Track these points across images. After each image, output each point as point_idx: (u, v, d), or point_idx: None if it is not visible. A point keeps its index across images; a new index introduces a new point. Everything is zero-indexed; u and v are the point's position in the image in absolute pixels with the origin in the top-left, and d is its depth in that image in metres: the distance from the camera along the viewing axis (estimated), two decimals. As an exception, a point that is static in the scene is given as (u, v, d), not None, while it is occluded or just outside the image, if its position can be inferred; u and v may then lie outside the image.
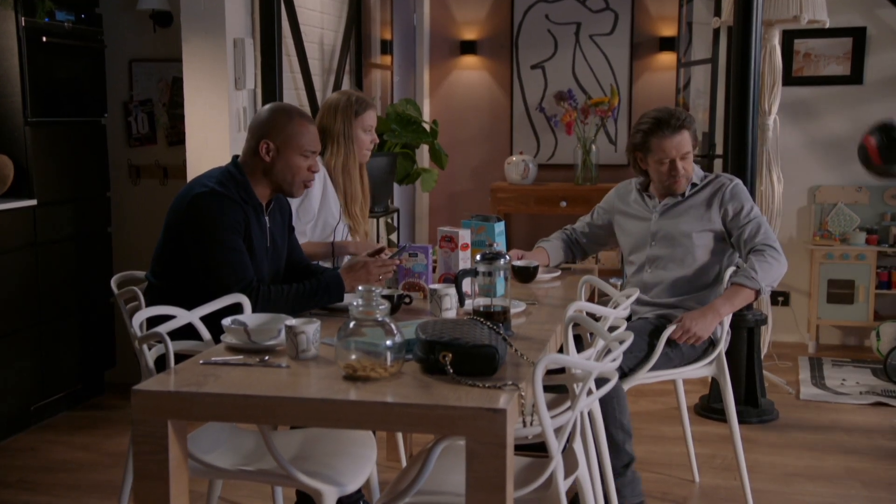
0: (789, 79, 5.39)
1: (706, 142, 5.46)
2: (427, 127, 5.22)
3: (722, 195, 3.21)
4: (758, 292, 3.05)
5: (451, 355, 1.98)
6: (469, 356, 1.98)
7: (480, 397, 1.85)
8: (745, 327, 4.26)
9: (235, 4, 4.13)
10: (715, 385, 4.32)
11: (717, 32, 5.39)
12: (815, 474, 3.59)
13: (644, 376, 3.04)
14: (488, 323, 2.19)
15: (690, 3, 5.81)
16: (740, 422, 4.09)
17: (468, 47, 6.55)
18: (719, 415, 4.22)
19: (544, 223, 6.65)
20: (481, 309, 2.34)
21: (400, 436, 3.57)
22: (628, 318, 3.06)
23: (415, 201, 6.74)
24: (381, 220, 5.25)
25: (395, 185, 5.69)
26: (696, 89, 5.85)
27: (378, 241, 5.18)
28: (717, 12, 5.13)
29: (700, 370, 3.19)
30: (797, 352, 5.40)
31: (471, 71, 6.62)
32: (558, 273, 3.26)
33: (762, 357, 4.46)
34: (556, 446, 1.96)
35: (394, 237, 5.44)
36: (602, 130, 6.29)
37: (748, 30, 4.06)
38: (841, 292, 5.37)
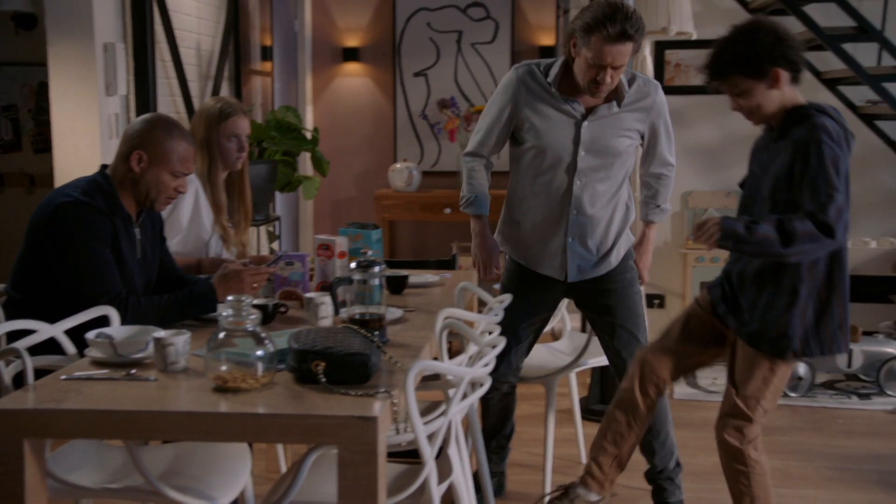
0: (662, 88, 5.56)
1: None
2: (308, 134, 5.18)
3: (650, 110, 3.06)
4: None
5: (323, 364, 1.97)
6: (341, 364, 1.97)
7: (352, 405, 1.85)
8: (622, 329, 4.37)
9: (105, 7, 4.00)
10: (595, 388, 4.42)
11: (592, 43, 5.53)
12: (687, 471, 3.70)
13: (579, 364, 3.29)
14: (363, 331, 2.19)
15: (567, 14, 5.95)
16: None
17: (351, 54, 6.53)
18: (600, 416, 4.30)
19: (429, 230, 6.69)
20: (357, 317, 2.33)
21: (280, 446, 3.52)
22: (574, 287, 3.13)
23: (298, 209, 6.67)
24: (263, 229, 5.18)
25: (278, 193, 5.62)
26: (574, 98, 5.98)
27: (259, 251, 5.10)
28: (592, 23, 5.27)
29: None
30: (673, 352, 5.57)
31: (354, 78, 6.61)
32: (437, 279, 3.28)
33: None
34: (429, 452, 1.97)
35: (276, 245, 5.37)
36: (484, 138, 6.36)
37: (620, 40, 4.17)
38: (712, 294, 5.58)
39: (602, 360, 3.44)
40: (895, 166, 5.45)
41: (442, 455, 2.18)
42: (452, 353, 2.82)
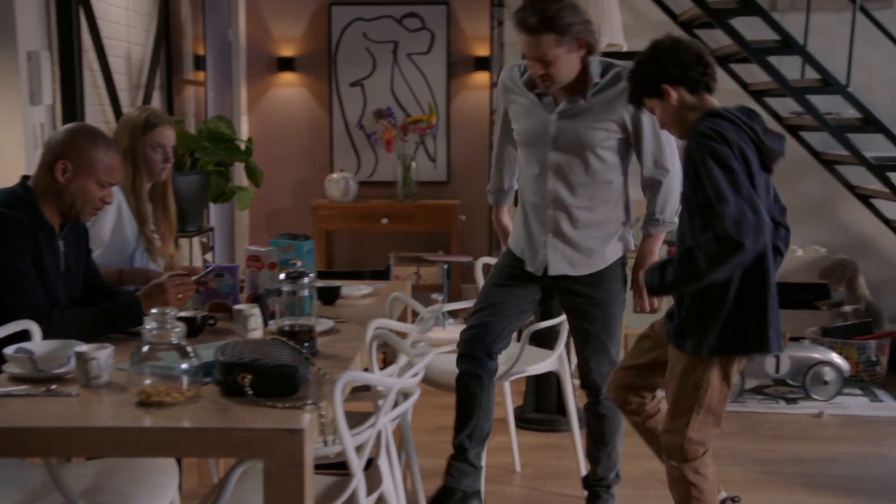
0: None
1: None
2: (241, 145, 5.13)
3: (623, 95, 2.83)
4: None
5: (250, 376, 1.95)
6: (268, 376, 1.96)
7: (279, 418, 1.84)
8: (555, 338, 4.40)
9: (28, 15, 3.92)
10: (529, 396, 4.43)
11: (526, 54, 5.59)
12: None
13: (513, 373, 3.33)
14: (291, 342, 2.17)
15: (502, 26, 6.01)
16: (553, 430, 4.25)
17: (286, 64, 6.50)
18: (534, 425, 4.33)
19: (366, 240, 6.68)
20: (286, 328, 2.32)
21: (212, 460, 3.46)
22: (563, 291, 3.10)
23: (234, 220, 6.60)
24: (196, 240, 5.11)
25: (213, 204, 5.56)
26: (509, 108, 6.03)
27: (192, 262, 5.03)
28: (526, 35, 5.32)
29: (546, 364, 3.46)
30: (608, 359, 5.63)
31: (289, 88, 6.57)
32: (370, 290, 3.27)
33: (573, 367, 4.63)
34: (356, 463, 1.96)
35: (209, 257, 5.30)
36: (422, 148, 6.40)
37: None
38: (646, 301, 5.66)
39: (537, 369, 3.47)
40: (819, 176, 5.60)
41: (372, 466, 2.18)
42: (388, 364, 2.81)
